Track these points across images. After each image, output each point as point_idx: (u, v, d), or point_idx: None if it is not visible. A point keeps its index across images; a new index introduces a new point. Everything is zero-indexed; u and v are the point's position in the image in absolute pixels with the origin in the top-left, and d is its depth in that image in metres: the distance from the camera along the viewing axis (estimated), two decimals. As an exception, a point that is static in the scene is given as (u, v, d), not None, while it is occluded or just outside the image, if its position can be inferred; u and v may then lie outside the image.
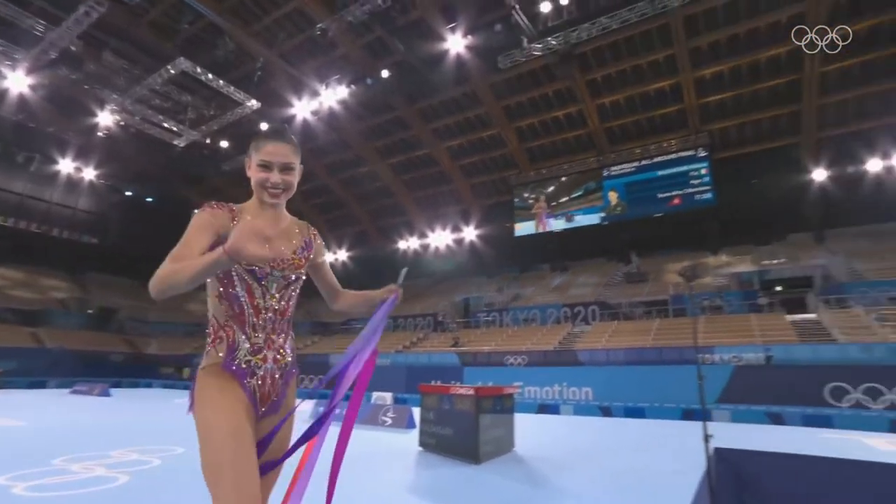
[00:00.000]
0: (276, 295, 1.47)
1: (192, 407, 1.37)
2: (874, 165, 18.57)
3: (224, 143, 25.29)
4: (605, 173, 24.14)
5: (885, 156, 18.36)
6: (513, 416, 5.34)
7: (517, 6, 16.42)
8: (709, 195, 21.55)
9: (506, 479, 3.93)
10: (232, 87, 20.49)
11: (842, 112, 19.52)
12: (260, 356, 1.42)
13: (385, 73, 19.42)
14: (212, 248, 1.36)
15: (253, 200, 1.56)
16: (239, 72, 21.89)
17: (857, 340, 12.25)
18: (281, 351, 1.49)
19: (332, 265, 35.62)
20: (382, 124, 25.44)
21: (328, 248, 32.44)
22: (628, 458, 4.99)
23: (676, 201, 22.34)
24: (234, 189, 31.35)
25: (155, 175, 29.84)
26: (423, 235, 29.09)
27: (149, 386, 23.99)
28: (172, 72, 19.39)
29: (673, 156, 22.53)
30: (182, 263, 1.26)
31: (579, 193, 24.95)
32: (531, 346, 16.92)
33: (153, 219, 31.90)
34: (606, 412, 11.62)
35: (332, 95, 20.72)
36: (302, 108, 21.69)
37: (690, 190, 21.98)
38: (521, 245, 26.60)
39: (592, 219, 24.31)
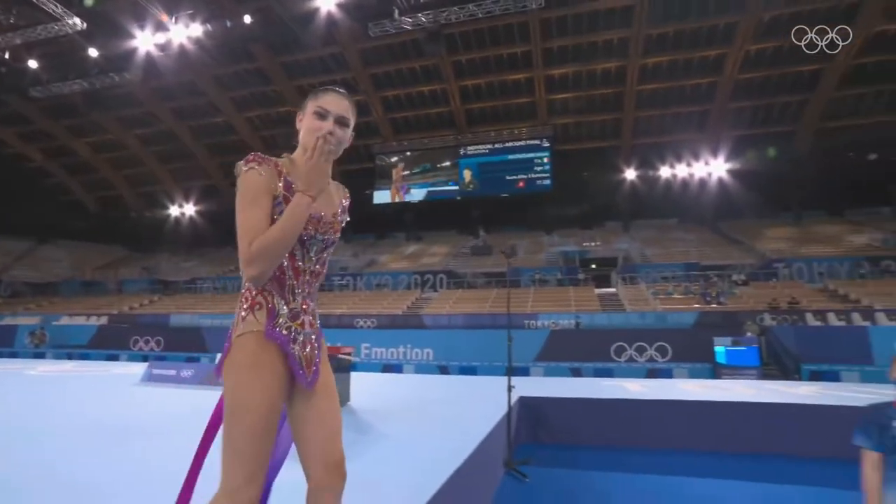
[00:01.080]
0: (314, 258, 1.45)
1: (220, 371, 1.34)
2: (665, 172, 23.29)
3: (33, 63, 21.00)
4: (462, 152, 25.81)
5: (671, 166, 23.18)
6: (349, 374, 5.87)
7: (390, -24, 16.52)
8: (547, 182, 24.54)
9: (342, 425, 4.62)
10: (46, -2, 17.07)
11: (648, 125, 23.73)
12: (298, 321, 1.39)
13: (248, 19, 18.01)
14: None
15: (297, 156, 1.49)
16: (57, -20, 18.25)
17: (637, 310, 15.55)
18: (314, 315, 1.47)
19: (177, 220, 30.42)
20: (241, 73, 23.50)
21: (172, 201, 29.15)
22: (450, 407, 5.71)
23: (521, 184, 25.01)
24: (49, 121, 26.24)
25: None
26: (280, 195, 27.88)
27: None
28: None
29: (522, 143, 25.00)
30: (274, 229, 1.30)
31: (429, 168, 26.33)
32: (381, 310, 17.84)
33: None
34: (444, 370, 13.01)
35: (184, 31, 18.56)
36: (145, 41, 18.99)
37: (533, 175, 24.76)
38: (379, 212, 27.22)
39: (446, 193, 26.00)
